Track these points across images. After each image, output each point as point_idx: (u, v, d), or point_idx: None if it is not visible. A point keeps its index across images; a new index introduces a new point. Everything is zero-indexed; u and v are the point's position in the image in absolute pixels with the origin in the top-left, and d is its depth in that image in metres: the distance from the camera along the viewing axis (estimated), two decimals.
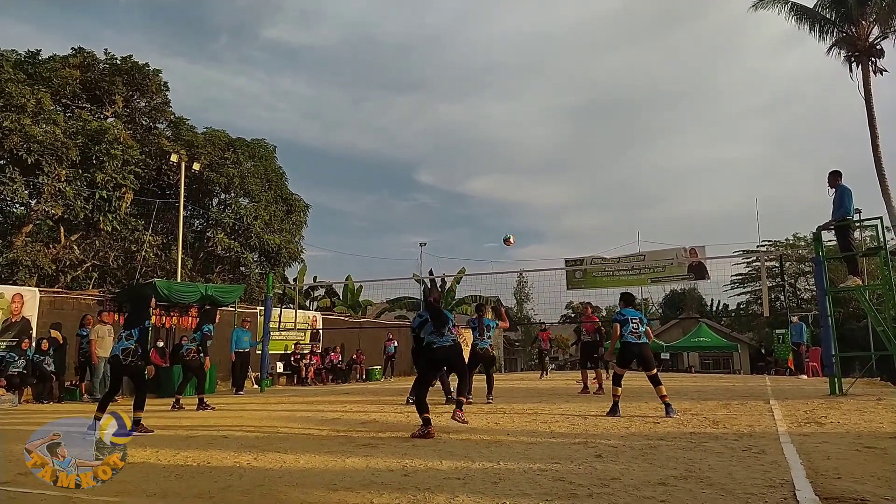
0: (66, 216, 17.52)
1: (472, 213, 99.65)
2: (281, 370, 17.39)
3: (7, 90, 16.41)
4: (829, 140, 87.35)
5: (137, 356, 6.80)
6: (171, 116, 22.16)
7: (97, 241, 19.03)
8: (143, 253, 18.71)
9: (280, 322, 14.91)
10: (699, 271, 21.91)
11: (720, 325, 36.00)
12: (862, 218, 11.60)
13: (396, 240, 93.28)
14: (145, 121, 21.96)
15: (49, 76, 18.69)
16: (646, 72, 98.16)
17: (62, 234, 18.38)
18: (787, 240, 33.78)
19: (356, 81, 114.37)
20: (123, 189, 18.33)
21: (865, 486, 3.50)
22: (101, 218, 17.88)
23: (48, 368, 11.31)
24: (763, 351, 25.76)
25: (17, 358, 10.99)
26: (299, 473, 4.31)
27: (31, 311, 12.02)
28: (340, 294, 35.12)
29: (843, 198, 8.89)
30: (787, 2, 23.51)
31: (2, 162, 17.01)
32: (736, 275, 34.69)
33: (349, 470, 4.36)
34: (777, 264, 27.51)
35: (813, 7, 23.57)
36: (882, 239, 9.05)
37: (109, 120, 19.83)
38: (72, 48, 20.02)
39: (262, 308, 15.73)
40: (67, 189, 17.09)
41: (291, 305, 19.60)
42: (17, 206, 18.40)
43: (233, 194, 22.24)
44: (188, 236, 20.86)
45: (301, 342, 18.22)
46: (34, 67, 18.77)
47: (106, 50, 20.74)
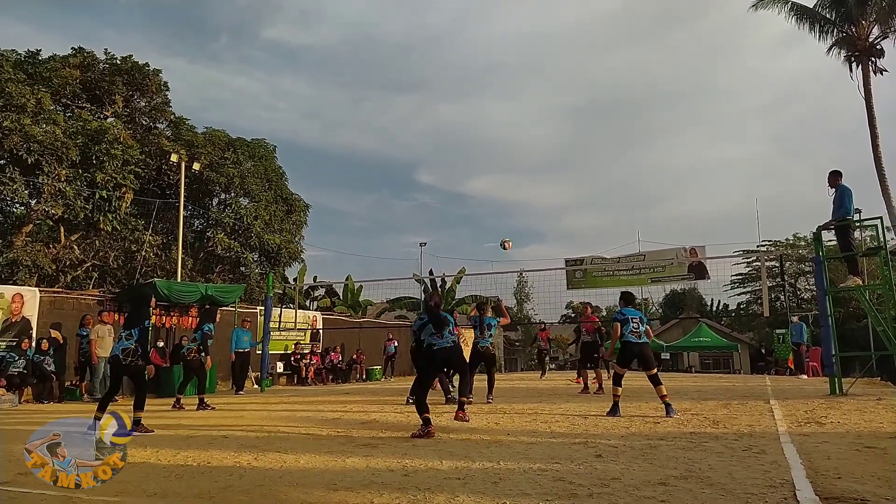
0: (66, 216, 17.52)
1: (472, 213, 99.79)
2: (281, 370, 17.40)
3: (7, 90, 16.42)
4: (829, 140, 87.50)
5: (137, 356, 6.81)
6: (171, 116, 22.17)
7: (97, 241, 19.04)
8: (144, 253, 18.71)
9: (280, 322, 14.92)
10: (699, 271, 21.93)
11: (720, 325, 35.98)
12: (862, 218, 11.61)
13: (396, 240, 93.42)
14: (145, 121, 21.97)
15: (49, 76, 18.70)
16: (646, 72, 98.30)
17: (62, 234, 18.38)
18: (787, 240, 33.78)
19: (356, 81, 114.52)
20: (123, 189, 18.33)
21: (866, 485, 3.50)
22: (101, 218, 17.89)
23: (48, 368, 11.32)
24: (763, 351, 25.73)
25: (17, 358, 11.00)
26: (299, 473, 4.31)
27: (31, 311, 12.03)
28: (340, 294, 35.12)
29: (843, 198, 8.90)
30: (787, 2, 23.52)
31: (2, 162, 17.02)
32: (736, 275, 34.74)
33: (349, 470, 4.36)
34: (777, 264, 27.51)
35: (813, 7, 23.58)
36: (882, 239, 9.06)
37: (109, 120, 19.83)
38: (72, 48, 20.07)
39: (263, 308, 15.74)
40: (67, 189, 17.09)
41: (291, 305, 19.60)
42: (18, 205, 18.43)
43: (233, 194, 22.25)
44: (188, 236, 20.87)
45: (301, 342, 18.23)
46: (34, 67, 18.78)
47: (106, 50, 20.79)
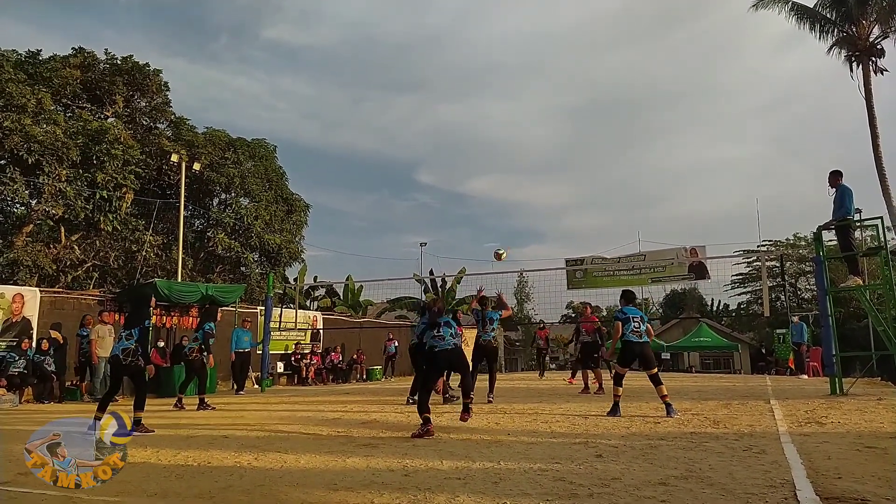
0: (66, 216, 17.52)
1: (472, 213, 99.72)
2: (281, 370, 17.40)
3: (8, 90, 16.42)
4: (829, 140, 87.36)
5: (138, 356, 6.81)
6: (172, 116, 22.16)
7: (98, 241, 19.04)
8: (144, 253, 18.71)
9: (280, 322, 14.91)
10: (699, 271, 21.87)
11: (721, 325, 35.96)
12: (862, 218, 11.59)
13: (396, 240, 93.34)
14: (146, 121, 21.97)
15: (49, 76, 18.70)
16: (646, 72, 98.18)
17: (63, 234, 18.39)
18: (787, 240, 33.75)
19: (356, 81, 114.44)
20: (124, 189, 18.33)
21: (866, 486, 3.50)
22: (101, 218, 17.89)
23: (48, 368, 11.32)
24: (763, 351, 25.71)
25: (17, 358, 11.00)
26: (300, 473, 4.31)
27: (31, 311, 12.03)
28: (341, 294, 35.11)
29: (843, 197, 8.90)
30: (787, 1, 23.50)
31: (2, 162, 17.02)
32: (736, 275, 34.67)
33: (350, 470, 4.36)
34: (777, 264, 27.53)
35: (813, 7, 23.56)
36: (882, 239, 9.06)
37: (110, 120, 19.83)
38: (72, 48, 20.07)
39: (263, 308, 15.74)
40: (68, 189, 17.10)
41: (292, 305, 19.58)
42: (18, 206, 18.42)
43: (233, 194, 22.24)
44: (188, 236, 20.87)
45: (301, 342, 18.24)
46: (35, 67, 18.78)
47: (106, 50, 20.78)
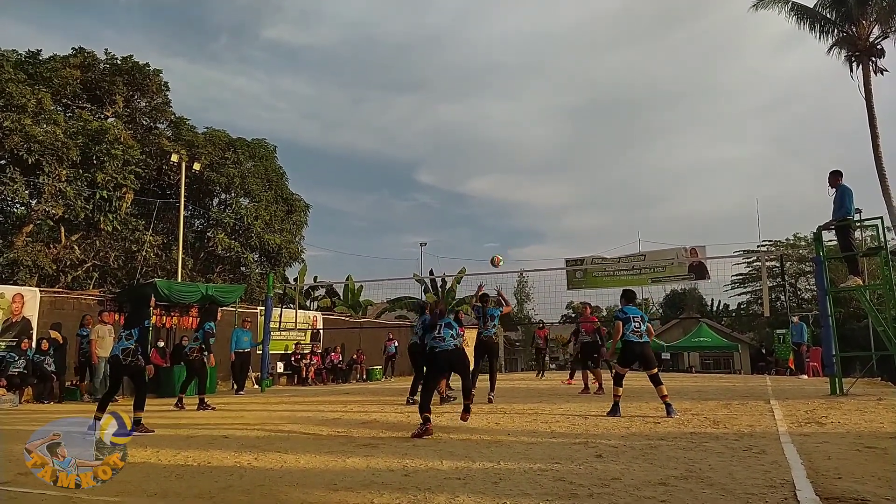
0: (66, 216, 17.52)
1: (472, 213, 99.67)
2: (281, 370, 17.39)
3: (8, 90, 16.41)
4: (829, 140, 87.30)
5: (137, 356, 6.81)
6: (172, 116, 22.16)
7: (98, 241, 19.04)
8: (144, 253, 18.71)
9: (280, 322, 14.91)
10: (699, 271, 21.89)
11: (721, 325, 35.95)
12: (862, 218, 11.59)
13: (396, 240, 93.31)
14: (146, 121, 21.96)
15: (49, 76, 18.70)
16: (646, 72, 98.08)
17: (63, 234, 18.38)
18: (787, 240, 33.74)
19: (356, 81, 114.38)
20: (124, 189, 18.33)
21: (866, 486, 3.50)
22: (101, 218, 17.88)
23: (48, 368, 11.33)
24: (763, 351, 25.71)
25: (17, 358, 11.00)
26: (300, 473, 4.31)
27: (31, 311, 12.03)
28: (341, 294, 35.10)
29: (843, 198, 8.89)
30: (787, 2, 23.50)
31: (2, 162, 17.02)
32: (736, 275, 34.66)
33: (350, 470, 4.36)
34: (777, 264, 27.53)
35: (813, 7, 23.56)
36: (882, 239, 9.06)
37: (110, 120, 19.82)
38: (72, 48, 20.06)
39: (263, 308, 15.74)
40: (68, 189, 17.10)
41: (292, 305, 19.58)
42: (18, 206, 18.41)
43: (233, 194, 22.23)
44: (188, 236, 20.87)
45: (301, 342, 18.23)
46: (35, 67, 18.78)
47: (106, 50, 20.78)
